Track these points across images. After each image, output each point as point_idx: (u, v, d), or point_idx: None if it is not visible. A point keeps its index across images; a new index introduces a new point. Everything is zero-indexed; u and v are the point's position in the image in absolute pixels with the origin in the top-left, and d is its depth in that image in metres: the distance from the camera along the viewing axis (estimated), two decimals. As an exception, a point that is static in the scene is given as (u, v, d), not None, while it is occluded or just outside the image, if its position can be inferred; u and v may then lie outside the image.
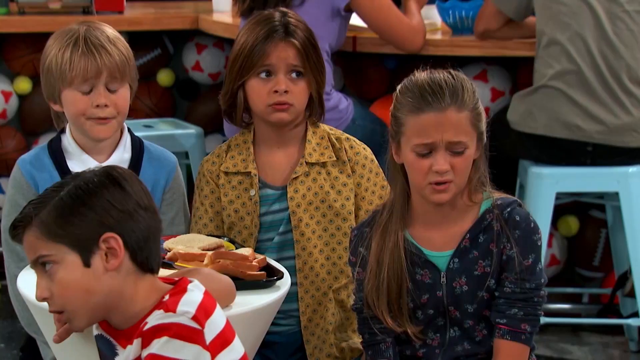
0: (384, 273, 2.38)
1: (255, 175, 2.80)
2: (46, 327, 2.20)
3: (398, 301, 2.39)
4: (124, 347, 1.97)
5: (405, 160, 2.37)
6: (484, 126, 2.38)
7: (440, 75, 2.36)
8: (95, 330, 2.05)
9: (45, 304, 2.22)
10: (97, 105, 2.62)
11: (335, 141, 2.85)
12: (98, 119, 2.64)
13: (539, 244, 2.37)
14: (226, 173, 2.82)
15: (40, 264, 1.96)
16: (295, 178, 2.80)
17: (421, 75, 2.38)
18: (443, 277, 2.38)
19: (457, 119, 2.32)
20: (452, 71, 2.38)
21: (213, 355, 1.92)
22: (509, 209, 2.36)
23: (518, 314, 2.35)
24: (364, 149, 2.87)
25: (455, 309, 2.39)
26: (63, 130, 2.75)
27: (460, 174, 2.33)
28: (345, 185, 2.82)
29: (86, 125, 2.65)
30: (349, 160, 2.84)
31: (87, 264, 1.96)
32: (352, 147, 2.85)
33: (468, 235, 2.37)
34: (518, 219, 2.35)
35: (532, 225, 2.37)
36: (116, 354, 1.99)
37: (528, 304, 2.35)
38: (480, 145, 2.38)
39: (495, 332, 2.36)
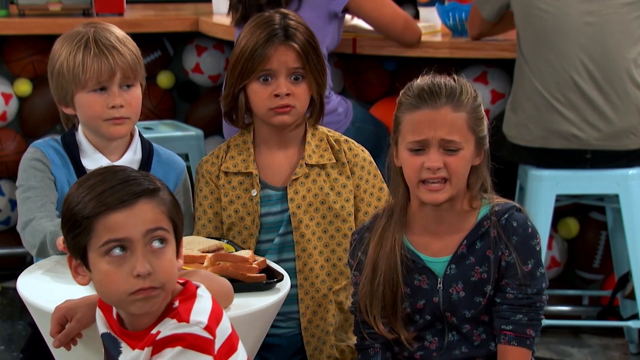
0: (379, 279, 2.38)
1: (257, 175, 2.81)
2: (47, 330, 2.20)
3: (393, 307, 2.39)
4: (132, 347, 1.96)
5: (401, 159, 2.38)
6: (484, 132, 2.38)
7: (441, 78, 2.37)
8: (103, 329, 2.05)
9: (44, 307, 2.22)
10: (113, 106, 2.62)
11: (334, 143, 2.85)
12: (114, 119, 2.64)
13: (538, 248, 2.36)
14: (226, 173, 2.83)
15: (149, 239, 1.92)
16: (295, 179, 2.80)
17: (424, 78, 2.39)
18: (440, 283, 2.38)
19: (452, 117, 2.32)
20: (454, 76, 2.38)
21: None
22: (506, 215, 2.36)
23: (523, 320, 2.34)
24: (363, 151, 2.87)
25: (451, 315, 2.38)
26: (75, 127, 2.74)
27: (455, 174, 2.32)
28: (344, 187, 2.83)
29: (102, 128, 2.65)
30: (348, 162, 2.84)
31: (175, 253, 1.98)
32: (350, 149, 2.86)
33: (465, 241, 2.36)
34: (515, 224, 2.35)
35: (530, 230, 2.36)
36: (120, 352, 1.99)
37: (531, 309, 2.35)
38: (482, 151, 2.38)
39: (500, 338, 2.36)
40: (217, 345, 1.92)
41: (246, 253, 2.46)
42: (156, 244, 1.93)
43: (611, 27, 3.48)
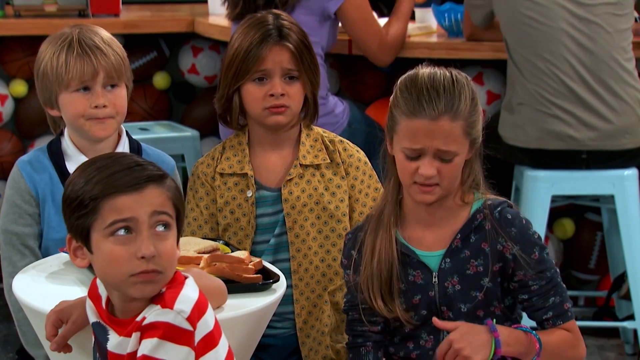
0: (377, 258, 2.39)
1: (252, 176, 2.81)
2: (42, 330, 2.20)
3: (389, 284, 2.39)
4: (119, 334, 1.96)
5: (395, 157, 2.39)
6: (479, 130, 2.38)
7: (441, 78, 2.34)
8: (94, 318, 2.05)
9: (39, 308, 2.22)
10: (96, 106, 2.62)
11: (328, 143, 2.86)
12: (97, 119, 2.63)
13: (536, 236, 2.38)
14: (222, 174, 2.83)
15: (154, 221, 1.94)
16: (290, 180, 2.80)
17: (423, 74, 2.36)
18: (435, 277, 2.38)
19: (450, 128, 2.31)
20: (454, 74, 2.36)
21: (197, 356, 1.92)
22: (499, 209, 2.37)
23: (556, 300, 2.37)
24: (358, 151, 2.88)
25: (447, 309, 2.39)
26: (62, 133, 2.75)
27: (447, 179, 2.34)
28: (339, 187, 2.83)
29: (85, 127, 2.65)
30: (342, 162, 2.85)
31: (176, 241, 1.99)
32: (345, 150, 2.86)
33: (459, 235, 2.37)
34: (510, 217, 2.36)
35: (524, 221, 2.38)
36: (107, 339, 1.99)
37: (558, 287, 2.38)
38: (474, 147, 2.38)
39: (544, 325, 2.38)
40: (197, 338, 1.92)
41: (242, 254, 2.46)
42: (160, 228, 1.94)
43: (598, 28, 3.49)
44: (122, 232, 1.92)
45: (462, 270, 2.37)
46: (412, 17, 4.30)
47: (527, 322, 2.44)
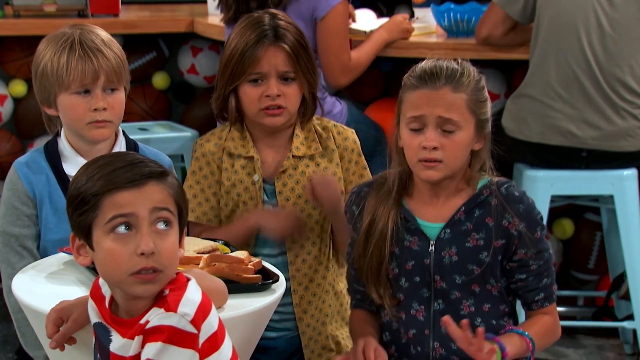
0: (372, 240, 2.41)
1: (258, 159, 2.80)
2: (41, 330, 2.20)
3: (379, 268, 2.41)
4: (122, 335, 1.96)
5: (402, 140, 2.41)
6: (487, 114, 2.40)
7: (444, 61, 2.40)
8: (95, 319, 2.05)
9: (39, 308, 2.22)
10: (95, 109, 2.62)
11: (322, 131, 2.85)
12: (96, 122, 2.63)
13: (539, 217, 2.40)
14: (230, 155, 2.81)
15: (155, 218, 1.93)
16: (283, 172, 2.80)
17: (427, 61, 2.42)
18: (432, 245, 2.39)
19: (451, 97, 2.35)
20: (459, 60, 2.41)
21: (202, 357, 1.92)
22: (506, 185, 2.40)
23: (548, 282, 2.43)
24: (352, 133, 2.88)
25: (441, 279, 2.39)
26: (59, 134, 2.74)
27: (450, 155, 2.35)
28: (334, 174, 2.82)
29: (84, 130, 2.64)
30: (338, 146, 2.85)
31: (179, 239, 1.99)
32: (340, 133, 2.87)
33: (463, 208, 2.39)
34: (517, 194, 2.39)
35: (531, 200, 2.41)
36: (110, 341, 1.99)
37: (550, 269, 2.43)
38: (482, 135, 2.39)
39: (532, 306, 2.44)
40: (201, 340, 1.92)
41: (241, 254, 2.46)
42: (161, 225, 1.94)
43: (623, 32, 3.49)
44: (122, 228, 1.92)
45: (461, 242, 2.38)
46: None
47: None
